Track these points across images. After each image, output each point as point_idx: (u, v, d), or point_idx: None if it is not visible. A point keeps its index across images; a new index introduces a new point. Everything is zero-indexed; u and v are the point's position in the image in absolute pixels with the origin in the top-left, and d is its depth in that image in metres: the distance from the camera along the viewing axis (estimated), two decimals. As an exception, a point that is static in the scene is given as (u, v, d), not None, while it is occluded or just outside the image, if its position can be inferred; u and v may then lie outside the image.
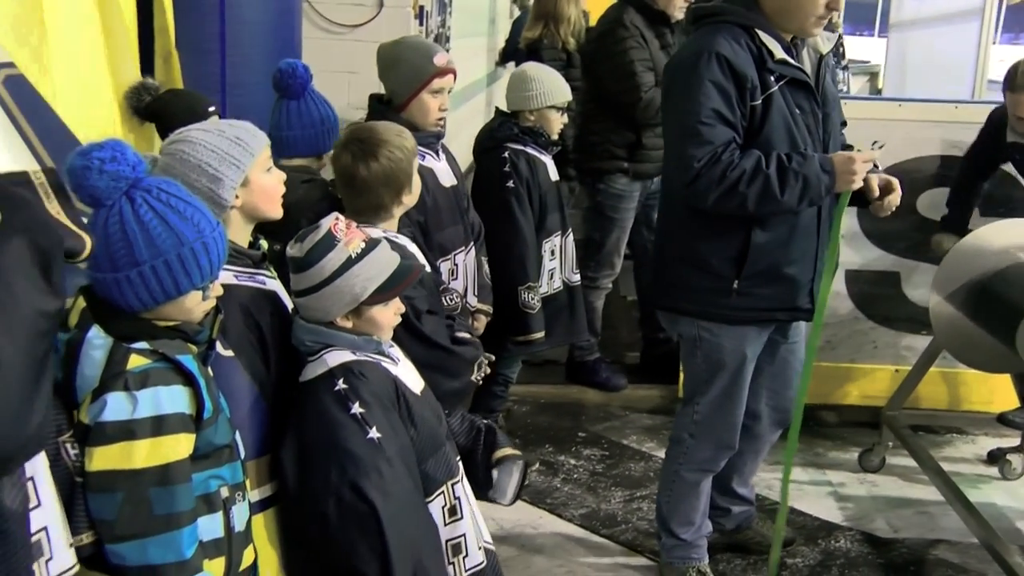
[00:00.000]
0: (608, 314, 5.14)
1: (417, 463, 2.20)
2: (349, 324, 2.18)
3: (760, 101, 2.81)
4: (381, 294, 2.18)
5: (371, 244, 2.20)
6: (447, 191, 3.25)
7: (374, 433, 2.09)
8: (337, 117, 3.10)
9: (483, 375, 2.91)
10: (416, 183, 2.73)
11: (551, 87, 3.78)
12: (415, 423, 2.21)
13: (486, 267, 3.52)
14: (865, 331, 4.49)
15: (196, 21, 3.19)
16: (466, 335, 2.95)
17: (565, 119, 3.88)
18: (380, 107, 3.23)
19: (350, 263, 2.15)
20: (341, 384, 2.12)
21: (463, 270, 3.29)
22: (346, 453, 2.08)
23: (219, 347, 2.00)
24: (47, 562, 1.58)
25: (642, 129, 4.53)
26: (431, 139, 3.21)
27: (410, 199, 2.71)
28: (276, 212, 2.25)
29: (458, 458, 2.39)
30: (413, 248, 2.73)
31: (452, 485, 2.28)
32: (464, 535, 2.27)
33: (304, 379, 2.17)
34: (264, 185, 2.20)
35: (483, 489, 2.46)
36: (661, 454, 4.26)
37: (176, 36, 3.14)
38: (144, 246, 1.75)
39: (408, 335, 2.57)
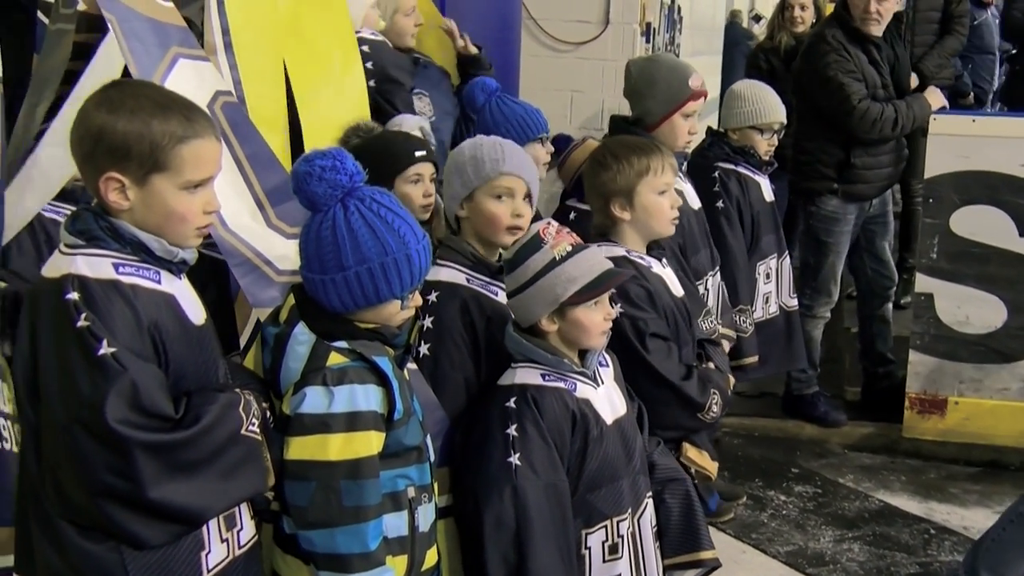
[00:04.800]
0: (829, 346, 4.92)
1: (583, 491, 2.19)
2: (555, 327, 2.19)
3: None
4: (583, 295, 2.17)
5: (578, 248, 2.21)
6: (697, 213, 3.22)
7: (515, 459, 2.11)
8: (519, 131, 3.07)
9: (718, 415, 2.73)
10: (648, 204, 2.66)
11: (756, 107, 3.66)
12: (593, 454, 2.19)
13: (725, 292, 3.45)
14: None
15: (416, 36, 3.32)
16: (711, 366, 2.80)
17: (774, 141, 3.73)
18: (625, 126, 3.23)
19: (553, 264, 2.17)
20: (511, 403, 2.16)
21: (712, 294, 3.25)
22: (483, 467, 2.13)
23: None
24: (238, 532, 1.79)
25: (852, 147, 4.33)
26: (681, 159, 3.19)
27: (627, 215, 2.66)
28: (497, 238, 2.33)
29: (648, 495, 2.32)
30: (659, 270, 2.70)
31: (618, 521, 2.23)
32: (620, 575, 2.23)
33: (499, 381, 2.23)
34: (485, 210, 2.31)
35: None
36: (879, 495, 4.10)
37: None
38: (351, 252, 1.83)
39: (629, 358, 2.53)
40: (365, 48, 3.16)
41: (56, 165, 2.13)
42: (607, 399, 2.26)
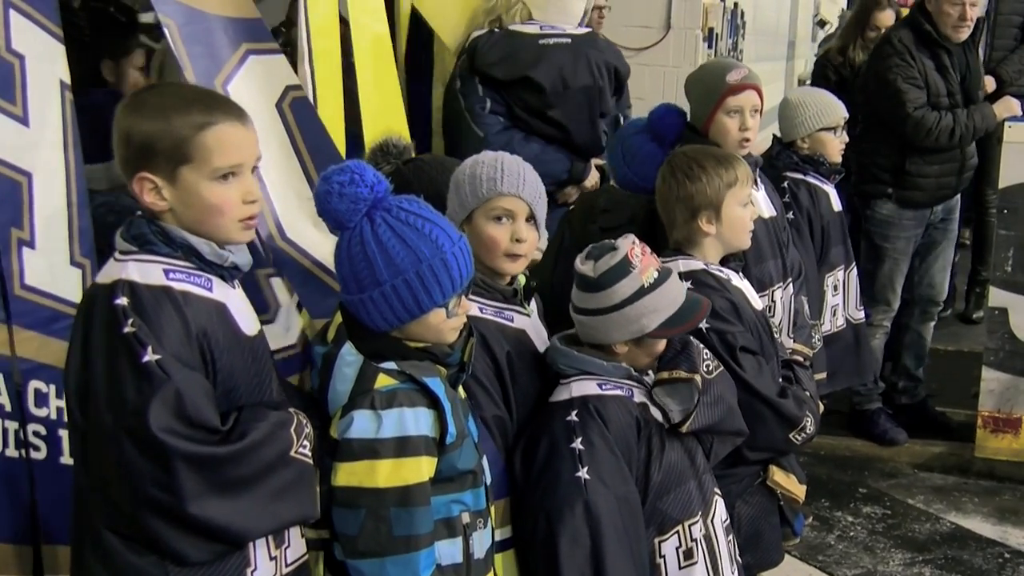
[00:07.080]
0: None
1: (653, 499, 2.14)
2: (625, 350, 2.16)
3: None
4: (666, 328, 2.14)
5: (664, 274, 2.17)
6: (766, 222, 3.09)
7: (584, 473, 2.05)
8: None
9: (809, 437, 2.61)
10: (734, 217, 2.54)
11: (818, 108, 3.53)
12: (657, 460, 2.15)
13: (806, 308, 3.31)
14: None
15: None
16: (803, 391, 2.69)
17: (845, 138, 3.62)
18: (690, 134, 3.10)
19: (641, 292, 2.11)
20: (574, 416, 2.11)
21: (780, 307, 3.09)
22: (552, 485, 2.07)
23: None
24: (286, 549, 1.74)
25: (909, 154, 4.22)
26: (753, 166, 3.09)
27: (712, 228, 2.52)
28: (495, 264, 2.12)
29: (715, 490, 2.26)
30: (738, 282, 2.61)
31: (690, 525, 2.17)
32: None
33: (551, 399, 2.16)
34: (483, 233, 2.09)
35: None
36: (951, 517, 3.98)
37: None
38: (384, 266, 1.76)
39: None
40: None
41: None
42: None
